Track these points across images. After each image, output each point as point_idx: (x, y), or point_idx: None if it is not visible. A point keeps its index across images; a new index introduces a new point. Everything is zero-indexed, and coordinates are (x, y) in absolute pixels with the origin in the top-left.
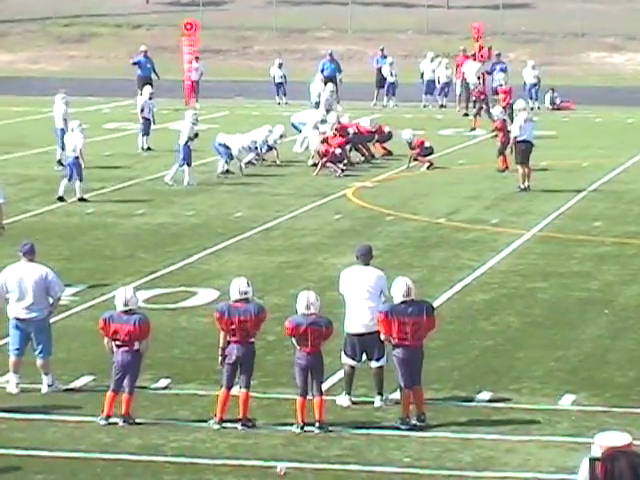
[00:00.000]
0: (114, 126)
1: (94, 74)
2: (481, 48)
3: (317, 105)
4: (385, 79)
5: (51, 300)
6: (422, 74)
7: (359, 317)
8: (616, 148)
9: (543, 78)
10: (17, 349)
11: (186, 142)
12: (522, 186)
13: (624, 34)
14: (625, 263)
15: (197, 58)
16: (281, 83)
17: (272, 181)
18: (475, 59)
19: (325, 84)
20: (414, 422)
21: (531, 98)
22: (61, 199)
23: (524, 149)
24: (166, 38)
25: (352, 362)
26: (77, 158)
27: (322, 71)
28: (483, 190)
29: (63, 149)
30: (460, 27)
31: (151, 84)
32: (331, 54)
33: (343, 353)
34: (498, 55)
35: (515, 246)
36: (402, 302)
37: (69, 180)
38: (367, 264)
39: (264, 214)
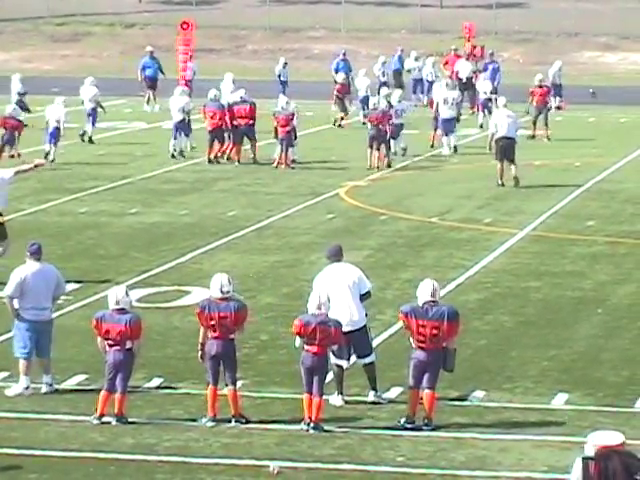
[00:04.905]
0: (107, 125)
1: (87, 73)
2: (473, 47)
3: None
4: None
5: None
6: (407, 71)
7: (343, 315)
8: (609, 147)
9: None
10: (26, 352)
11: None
12: (499, 182)
13: (617, 33)
14: (618, 262)
15: (190, 57)
16: (285, 82)
17: (265, 180)
18: (468, 58)
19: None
20: (418, 424)
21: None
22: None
23: (502, 145)
24: (159, 37)
25: (341, 362)
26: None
27: (337, 70)
28: (476, 189)
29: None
30: (453, 26)
31: (155, 86)
32: (344, 53)
33: (331, 353)
34: (491, 54)
35: (508, 245)
36: (424, 304)
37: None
38: (338, 261)
39: (257, 213)
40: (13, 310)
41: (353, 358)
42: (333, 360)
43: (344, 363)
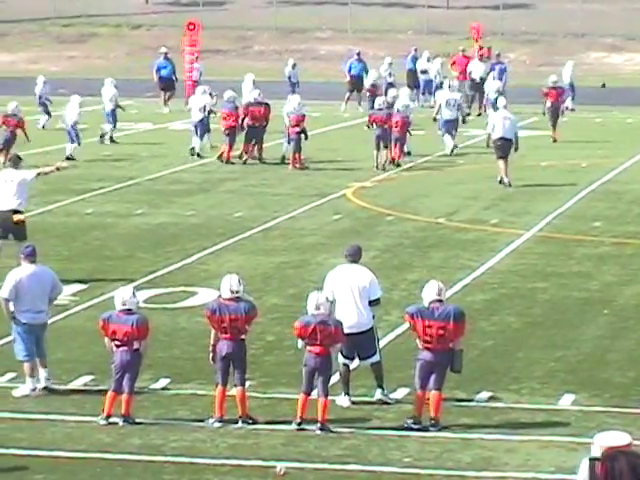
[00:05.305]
0: None
1: (93, 74)
2: (481, 48)
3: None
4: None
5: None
6: (422, 72)
7: (348, 318)
8: (615, 148)
9: (542, 78)
10: (29, 355)
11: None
12: (505, 181)
13: (623, 34)
14: (624, 263)
15: (197, 58)
16: (295, 83)
17: (272, 181)
18: (481, 59)
19: (352, 84)
20: (423, 424)
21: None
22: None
23: (500, 145)
24: (166, 38)
25: (348, 362)
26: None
27: (349, 70)
28: (482, 190)
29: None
30: (460, 27)
31: (172, 87)
32: (359, 54)
33: (339, 353)
34: (498, 55)
35: (515, 246)
36: (430, 304)
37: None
38: (354, 262)
39: (264, 214)
40: (9, 313)
41: (356, 362)
42: (340, 359)
43: (350, 363)
